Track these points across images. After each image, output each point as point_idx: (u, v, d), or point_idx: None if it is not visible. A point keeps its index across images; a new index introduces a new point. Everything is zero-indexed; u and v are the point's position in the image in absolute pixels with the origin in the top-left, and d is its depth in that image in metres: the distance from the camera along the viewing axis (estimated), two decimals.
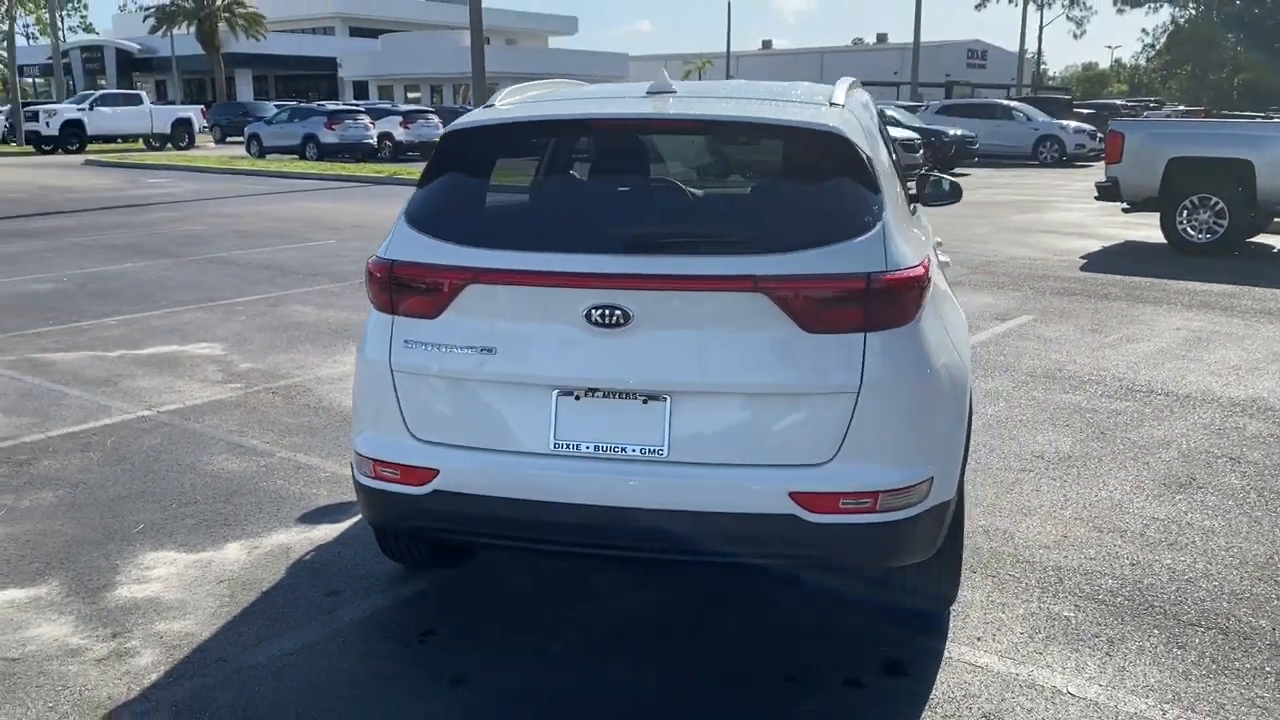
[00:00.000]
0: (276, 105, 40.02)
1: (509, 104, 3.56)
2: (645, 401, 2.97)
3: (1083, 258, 12.11)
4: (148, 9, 54.84)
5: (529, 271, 2.98)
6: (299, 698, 3.18)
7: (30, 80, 70.45)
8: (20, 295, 9.74)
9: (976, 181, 23.88)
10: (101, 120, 37.20)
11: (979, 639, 3.51)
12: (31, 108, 38.42)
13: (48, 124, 36.17)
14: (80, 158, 33.12)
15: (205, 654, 3.42)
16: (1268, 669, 3.33)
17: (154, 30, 55.27)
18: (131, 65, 63.20)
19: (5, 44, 45.87)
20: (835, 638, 3.52)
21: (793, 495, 2.91)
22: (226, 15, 53.82)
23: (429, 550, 3.86)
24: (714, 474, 2.95)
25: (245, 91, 62.00)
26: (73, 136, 36.32)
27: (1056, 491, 4.82)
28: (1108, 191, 12.91)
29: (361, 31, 64.93)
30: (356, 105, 39.52)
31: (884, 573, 3.45)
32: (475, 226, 3.12)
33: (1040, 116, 30.85)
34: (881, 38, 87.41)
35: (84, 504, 4.67)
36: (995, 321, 8.57)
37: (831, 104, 3.33)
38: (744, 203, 3.20)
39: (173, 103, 51.00)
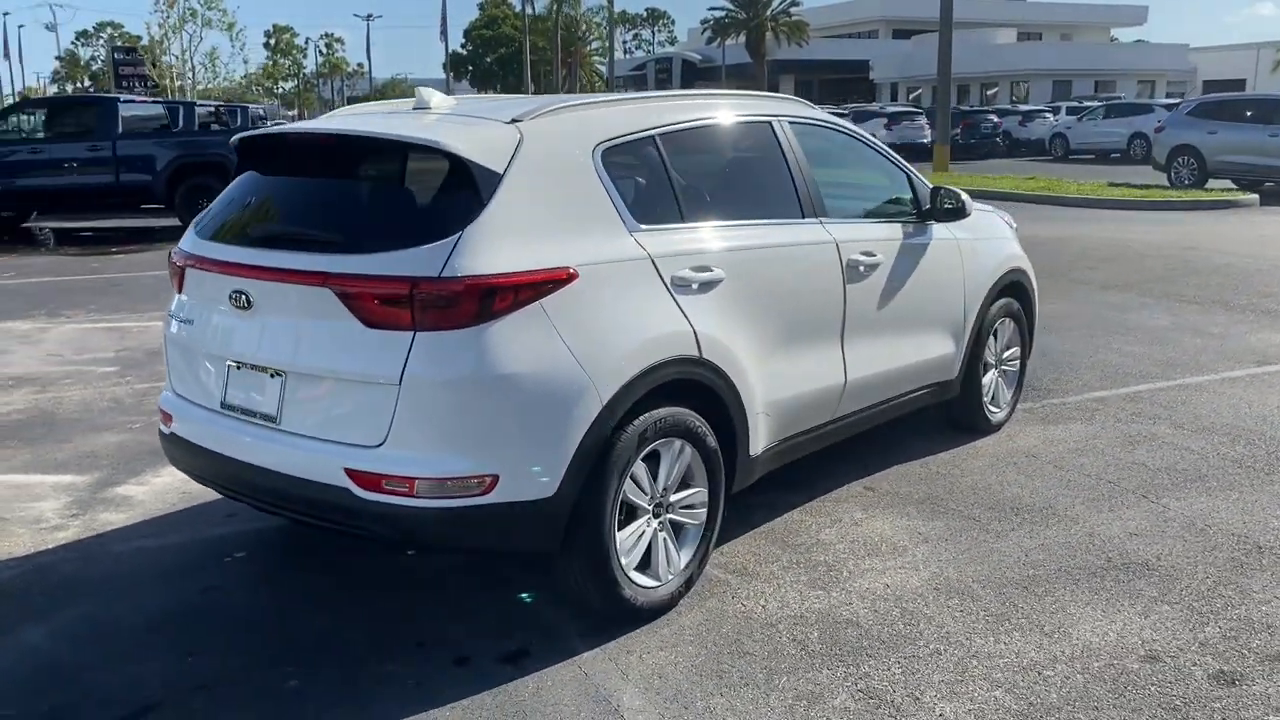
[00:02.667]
0: None
1: (323, 118, 4.21)
2: (273, 376, 3.50)
3: None
4: (706, 22, 60.29)
5: (201, 258, 3.67)
6: (104, 577, 4.14)
7: (620, 89, 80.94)
8: None
9: None
10: None
11: (630, 651, 3.52)
12: None
13: None
14: None
15: (100, 537, 4.53)
16: None
17: (710, 41, 60.69)
18: (694, 74, 69.67)
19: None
20: (509, 621, 3.70)
21: (347, 470, 3.28)
22: (773, 24, 57.44)
23: None
24: (301, 444, 3.41)
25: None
26: None
27: (958, 545, 4.33)
28: None
29: (903, 33, 65.37)
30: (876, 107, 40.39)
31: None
32: (210, 223, 3.84)
33: None
34: None
35: None
36: (1250, 365, 7.23)
37: (511, 121, 3.53)
38: (359, 208, 3.55)
39: None
